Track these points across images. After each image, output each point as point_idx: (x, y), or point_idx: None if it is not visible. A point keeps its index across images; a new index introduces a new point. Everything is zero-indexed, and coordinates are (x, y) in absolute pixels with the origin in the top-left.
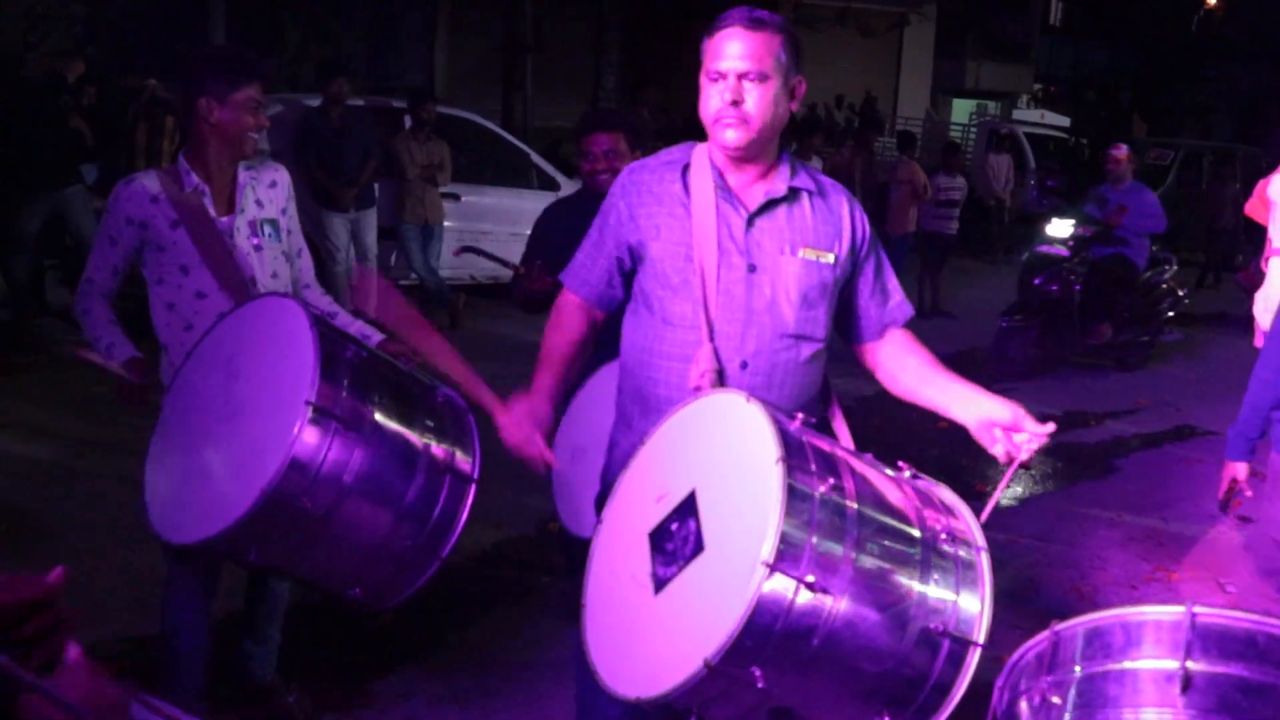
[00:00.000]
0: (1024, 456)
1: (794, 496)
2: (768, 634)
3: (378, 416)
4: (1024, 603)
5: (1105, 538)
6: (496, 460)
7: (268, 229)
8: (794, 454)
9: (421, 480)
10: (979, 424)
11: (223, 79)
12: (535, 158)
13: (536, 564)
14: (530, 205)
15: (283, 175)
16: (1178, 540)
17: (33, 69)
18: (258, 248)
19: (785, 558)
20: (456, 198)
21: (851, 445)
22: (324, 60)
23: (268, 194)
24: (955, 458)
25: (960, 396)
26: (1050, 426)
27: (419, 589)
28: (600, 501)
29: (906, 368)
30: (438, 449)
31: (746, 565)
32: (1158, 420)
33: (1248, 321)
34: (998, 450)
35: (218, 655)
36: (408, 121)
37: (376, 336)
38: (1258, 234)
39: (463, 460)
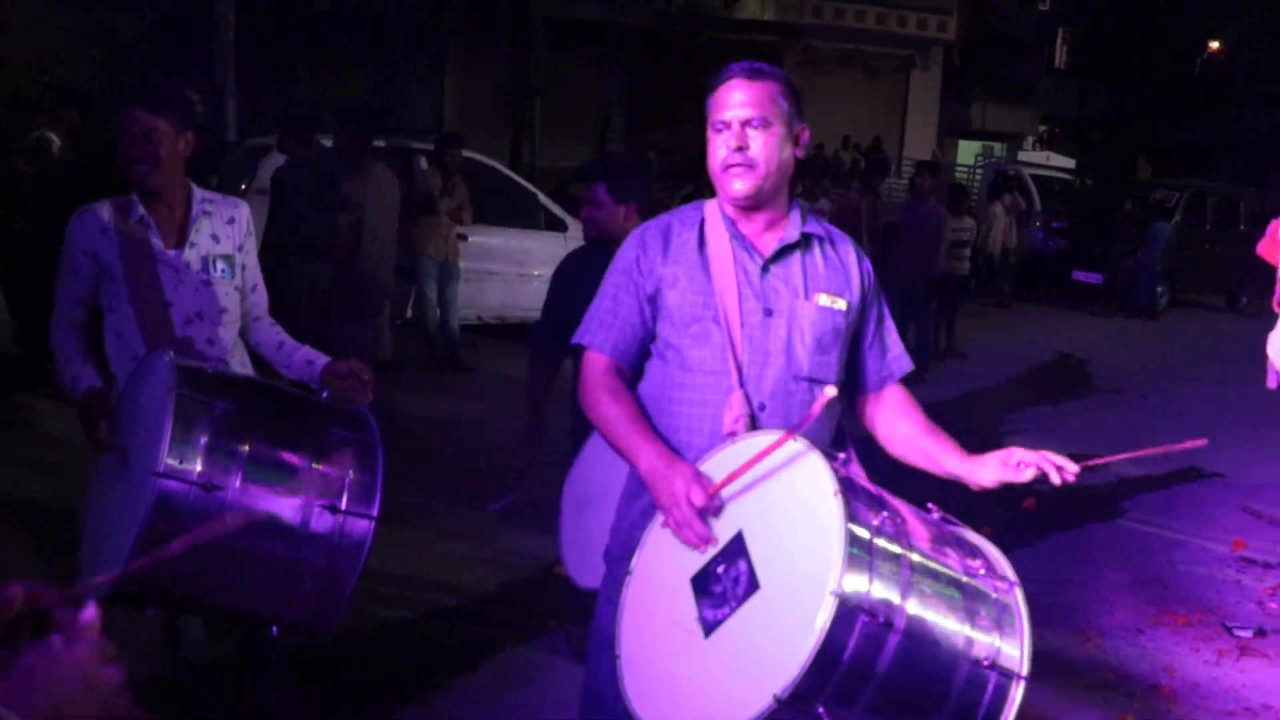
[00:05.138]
0: (1057, 476)
1: (853, 528)
2: (834, 667)
3: (247, 470)
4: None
5: (1112, 581)
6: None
7: (220, 264)
8: (847, 488)
9: (306, 525)
10: (975, 487)
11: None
12: (543, 198)
13: (542, 607)
14: (538, 245)
15: (242, 211)
16: (1184, 582)
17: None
18: (206, 282)
19: (850, 588)
20: (464, 238)
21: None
22: (342, 102)
23: (225, 229)
24: (955, 502)
25: (949, 466)
26: (1028, 474)
27: (342, 620)
28: (613, 553)
29: (898, 433)
30: (326, 490)
31: (813, 597)
32: (1163, 462)
33: (1254, 362)
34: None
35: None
36: (422, 161)
37: (321, 360)
38: (1267, 274)
39: (358, 498)
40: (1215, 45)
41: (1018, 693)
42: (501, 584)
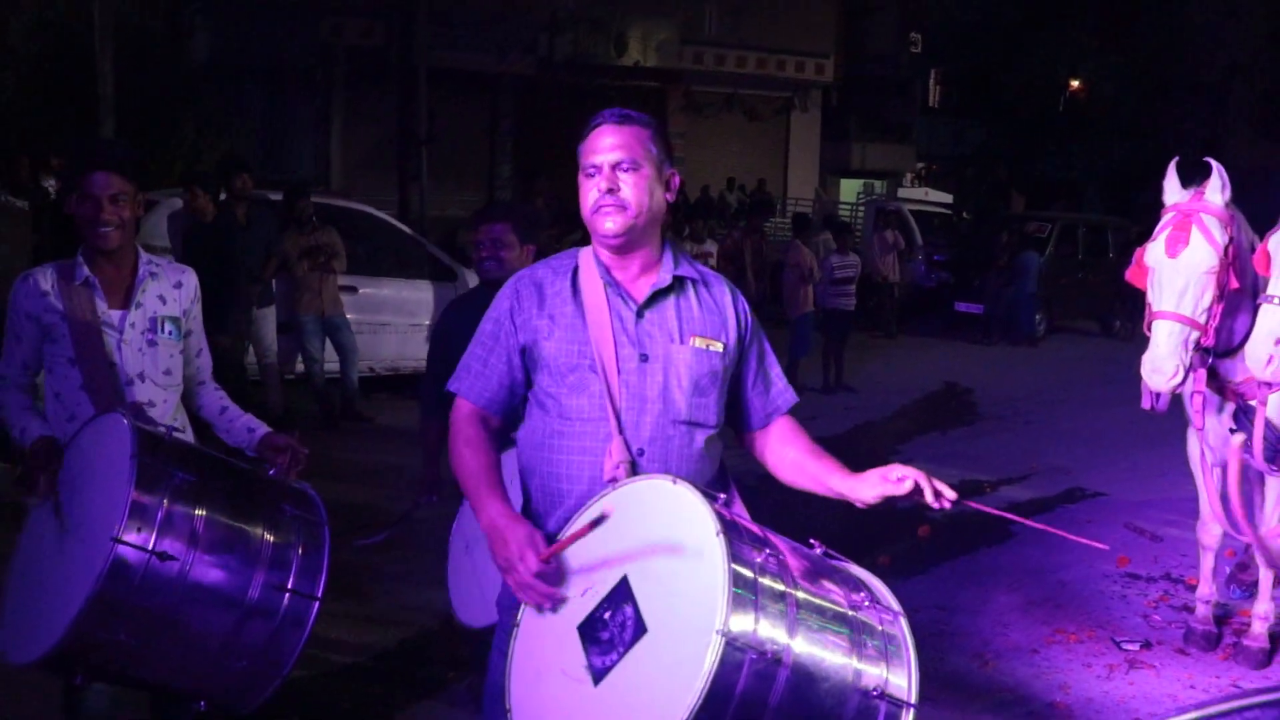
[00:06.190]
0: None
1: (737, 568)
2: (725, 707)
3: (200, 541)
4: (928, 673)
5: (1005, 603)
6: (398, 554)
7: (169, 326)
8: (730, 528)
9: (254, 600)
10: (859, 504)
11: (74, 169)
12: (431, 248)
13: (441, 659)
14: (428, 296)
15: (189, 278)
16: (1074, 601)
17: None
18: (151, 343)
19: (736, 627)
20: (354, 290)
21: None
22: (226, 155)
23: (173, 293)
24: (851, 535)
25: (834, 485)
26: (906, 486)
27: (269, 698)
28: (503, 603)
29: (786, 459)
30: (274, 567)
31: (700, 639)
32: (1049, 484)
33: (1130, 384)
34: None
35: None
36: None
37: (262, 430)
38: (1137, 299)
39: (305, 576)
40: (1075, 84)
41: None
42: (400, 639)
